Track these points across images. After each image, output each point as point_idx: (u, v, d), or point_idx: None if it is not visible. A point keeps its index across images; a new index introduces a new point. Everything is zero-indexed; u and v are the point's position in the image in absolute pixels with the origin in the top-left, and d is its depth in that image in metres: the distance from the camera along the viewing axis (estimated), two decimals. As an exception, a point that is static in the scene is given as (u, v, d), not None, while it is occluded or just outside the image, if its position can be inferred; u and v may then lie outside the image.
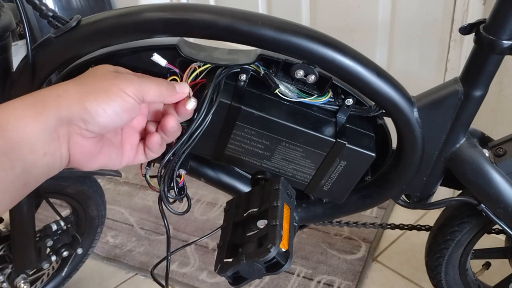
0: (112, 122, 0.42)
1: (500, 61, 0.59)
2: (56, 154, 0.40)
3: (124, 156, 0.49)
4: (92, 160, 0.44)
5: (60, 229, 0.97)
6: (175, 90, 0.48)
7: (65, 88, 0.41)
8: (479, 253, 0.87)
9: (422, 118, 0.61)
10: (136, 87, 0.43)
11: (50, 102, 0.39)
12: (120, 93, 0.42)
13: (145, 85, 0.44)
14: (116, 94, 0.41)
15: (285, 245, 0.49)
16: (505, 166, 0.67)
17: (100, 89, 0.41)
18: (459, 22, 1.10)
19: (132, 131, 0.50)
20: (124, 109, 0.42)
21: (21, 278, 0.93)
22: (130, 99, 0.42)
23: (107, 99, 0.41)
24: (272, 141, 0.60)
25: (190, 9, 0.53)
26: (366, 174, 0.69)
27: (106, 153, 0.46)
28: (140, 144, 0.50)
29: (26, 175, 0.38)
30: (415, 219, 1.35)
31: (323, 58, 0.54)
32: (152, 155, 0.50)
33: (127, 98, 0.42)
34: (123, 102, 0.42)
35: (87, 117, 0.40)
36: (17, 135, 0.37)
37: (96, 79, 0.42)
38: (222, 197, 1.49)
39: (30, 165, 0.38)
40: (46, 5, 0.54)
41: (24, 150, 0.38)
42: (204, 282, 1.19)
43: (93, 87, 0.41)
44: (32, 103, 0.39)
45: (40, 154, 0.39)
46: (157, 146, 0.49)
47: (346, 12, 1.32)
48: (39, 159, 0.39)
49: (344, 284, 1.15)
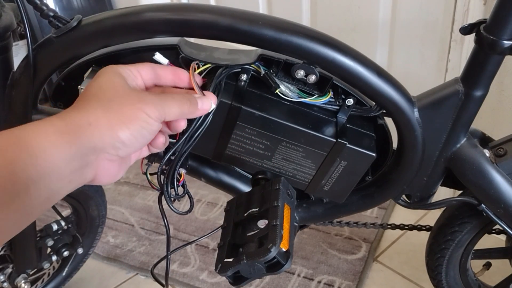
0: (140, 145, 0.43)
1: (500, 61, 0.59)
2: (81, 180, 0.40)
3: (132, 158, 0.49)
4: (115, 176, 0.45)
5: (60, 229, 0.97)
6: (197, 108, 0.48)
7: (96, 115, 0.40)
8: (479, 253, 0.87)
9: (423, 118, 0.61)
10: (159, 111, 0.43)
11: (82, 130, 0.39)
12: (148, 119, 0.42)
13: (167, 108, 0.44)
14: (144, 121, 0.42)
15: (286, 245, 0.49)
16: (506, 166, 0.67)
17: (129, 116, 0.41)
18: (459, 22, 1.10)
19: None
20: (150, 133, 0.43)
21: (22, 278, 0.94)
22: (156, 124, 0.43)
23: (137, 126, 0.41)
24: (273, 141, 0.60)
25: (190, 9, 0.53)
26: (367, 174, 0.69)
27: (124, 166, 0.46)
28: None
29: (48, 203, 0.38)
30: (415, 219, 1.35)
31: (324, 58, 0.54)
32: (156, 150, 0.51)
33: (153, 123, 0.42)
34: (149, 127, 0.42)
35: (120, 145, 0.41)
36: (49, 164, 0.36)
37: (121, 103, 0.41)
38: (222, 197, 1.49)
39: (55, 193, 0.38)
40: (47, 5, 0.54)
41: (52, 178, 0.37)
42: (205, 282, 1.19)
43: (122, 114, 0.41)
44: (65, 129, 0.38)
45: (66, 182, 0.38)
46: (162, 145, 0.49)
47: (346, 12, 1.32)
48: (64, 187, 0.38)
49: (345, 284, 1.15)
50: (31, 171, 0.35)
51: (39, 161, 0.36)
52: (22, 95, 0.61)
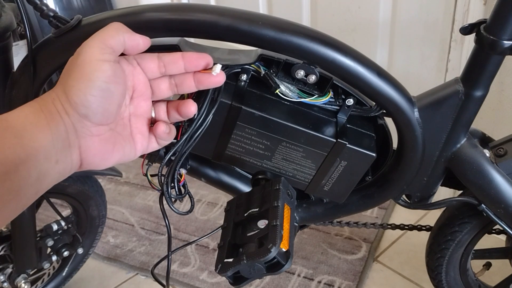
0: (107, 101, 0.40)
1: (501, 61, 0.59)
2: (67, 161, 0.40)
3: (137, 146, 0.47)
4: (107, 159, 0.43)
5: (60, 229, 0.97)
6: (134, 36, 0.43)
7: (56, 91, 0.39)
8: (479, 253, 0.87)
9: (423, 118, 0.61)
10: (99, 45, 0.39)
11: (49, 108, 0.39)
12: (92, 64, 0.38)
13: (103, 36, 0.40)
14: (90, 68, 0.38)
15: (286, 245, 0.49)
16: (506, 166, 0.67)
17: (76, 72, 0.38)
18: (459, 22, 1.10)
19: (139, 120, 0.47)
20: (107, 80, 0.39)
21: (22, 278, 0.94)
22: (105, 65, 0.39)
23: (84, 80, 0.38)
24: (273, 141, 0.60)
25: (190, 9, 0.53)
26: (367, 174, 0.69)
27: (120, 149, 0.45)
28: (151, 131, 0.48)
29: (38, 184, 0.38)
30: (415, 219, 1.35)
31: (324, 58, 0.54)
32: (164, 142, 0.49)
33: (100, 65, 0.39)
34: (100, 74, 0.39)
35: (83, 110, 0.39)
36: (34, 143, 0.37)
37: (71, 63, 0.40)
38: (222, 197, 1.49)
39: (44, 173, 0.38)
40: (47, 5, 0.54)
41: (39, 158, 0.37)
42: (205, 282, 1.19)
43: (70, 75, 0.39)
44: (38, 109, 0.38)
45: (53, 162, 0.38)
46: (165, 135, 0.47)
47: (346, 12, 1.32)
48: (52, 167, 0.38)
49: (345, 284, 1.15)
50: (19, 151, 0.36)
51: (25, 140, 0.36)
52: (22, 95, 0.61)
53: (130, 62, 0.45)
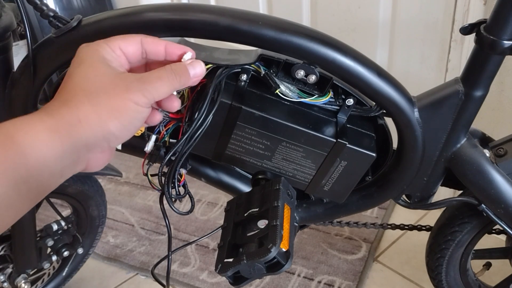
0: (132, 133, 0.42)
1: (501, 61, 0.59)
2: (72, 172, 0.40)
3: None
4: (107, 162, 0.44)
5: (60, 229, 0.97)
6: (189, 77, 0.44)
7: (85, 112, 0.38)
8: (479, 253, 0.87)
9: (423, 118, 0.61)
10: (148, 97, 0.41)
11: (73, 128, 0.38)
12: (137, 108, 0.40)
13: (155, 91, 0.42)
14: (133, 111, 0.40)
15: (286, 245, 0.49)
16: (506, 166, 0.67)
17: (118, 108, 0.39)
18: (460, 22, 1.10)
19: None
20: (140, 120, 0.42)
21: (22, 278, 0.94)
22: (146, 110, 0.41)
23: (127, 117, 0.40)
24: (273, 141, 0.60)
25: (190, 9, 0.53)
26: (367, 174, 0.68)
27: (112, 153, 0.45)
28: None
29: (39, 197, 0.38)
30: (415, 219, 1.35)
31: (324, 58, 0.54)
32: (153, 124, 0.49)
33: (143, 110, 0.41)
34: (140, 115, 0.41)
35: (112, 137, 0.40)
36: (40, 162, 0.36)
37: (109, 94, 0.40)
38: (222, 197, 1.49)
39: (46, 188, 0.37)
40: (47, 5, 0.54)
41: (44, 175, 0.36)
42: (205, 282, 1.19)
43: (111, 107, 0.39)
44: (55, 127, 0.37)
45: (57, 177, 0.38)
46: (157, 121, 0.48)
47: (346, 12, 1.32)
48: (56, 181, 0.38)
49: (345, 284, 1.15)
50: (21, 171, 0.35)
51: (30, 160, 0.35)
52: (22, 95, 0.61)
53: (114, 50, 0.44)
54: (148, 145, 0.58)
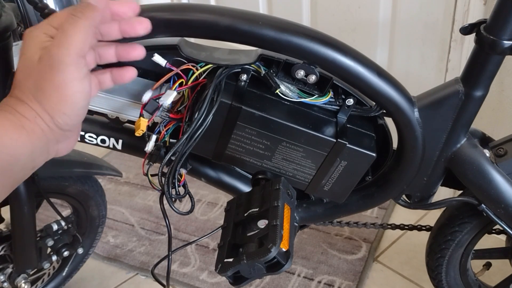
0: (86, 104, 0.41)
1: (501, 61, 0.59)
2: (42, 163, 0.41)
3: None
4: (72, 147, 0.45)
5: (61, 229, 0.97)
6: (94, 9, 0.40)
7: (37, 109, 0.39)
8: (479, 253, 0.87)
9: (423, 118, 0.61)
10: (76, 61, 0.38)
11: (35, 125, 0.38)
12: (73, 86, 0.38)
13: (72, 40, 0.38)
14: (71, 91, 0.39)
15: (286, 245, 0.49)
16: (506, 166, 0.67)
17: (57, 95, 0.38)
18: (460, 22, 1.09)
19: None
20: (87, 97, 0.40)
21: (22, 278, 0.94)
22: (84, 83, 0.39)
23: (67, 104, 0.39)
24: (273, 141, 0.60)
25: (190, 9, 0.53)
26: (367, 174, 0.68)
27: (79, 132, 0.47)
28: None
29: (9, 191, 0.39)
30: (415, 219, 1.35)
31: (324, 58, 0.54)
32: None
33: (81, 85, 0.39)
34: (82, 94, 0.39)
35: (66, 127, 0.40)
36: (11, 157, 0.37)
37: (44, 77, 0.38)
38: (222, 197, 1.49)
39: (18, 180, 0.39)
40: (47, 5, 0.54)
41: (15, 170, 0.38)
42: (205, 282, 1.19)
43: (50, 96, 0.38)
44: (20, 124, 0.38)
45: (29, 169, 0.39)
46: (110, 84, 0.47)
47: (346, 12, 1.32)
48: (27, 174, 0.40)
49: (345, 284, 1.15)
50: None
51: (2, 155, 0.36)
52: (22, 95, 0.61)
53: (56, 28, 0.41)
54: (148, 145, 0.58)
